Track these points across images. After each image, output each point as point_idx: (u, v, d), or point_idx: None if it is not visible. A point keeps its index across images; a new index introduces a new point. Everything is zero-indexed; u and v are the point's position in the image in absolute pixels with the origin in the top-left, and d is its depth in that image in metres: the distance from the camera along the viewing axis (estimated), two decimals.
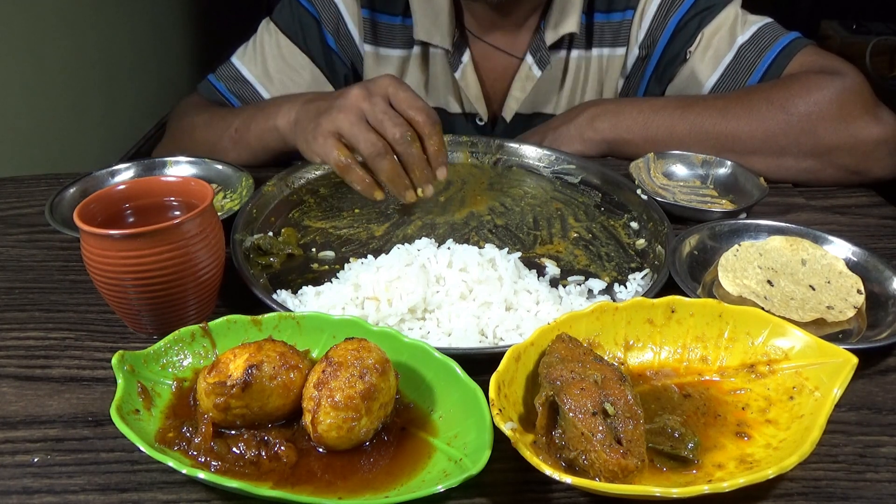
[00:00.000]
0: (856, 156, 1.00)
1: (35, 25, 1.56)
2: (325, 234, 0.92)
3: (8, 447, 0.60)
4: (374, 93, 0.88)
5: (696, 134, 1.04)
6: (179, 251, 0.67)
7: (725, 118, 1.02)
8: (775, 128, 1.00)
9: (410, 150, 0.88)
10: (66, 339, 0.73)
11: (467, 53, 1.20)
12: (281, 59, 1.22)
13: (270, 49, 1.22)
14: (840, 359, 0.60)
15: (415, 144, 0.88)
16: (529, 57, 1.20)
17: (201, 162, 1.03)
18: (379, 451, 0.58)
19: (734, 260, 0.80)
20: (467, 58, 1.20)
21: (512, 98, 1.23)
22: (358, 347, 0.58)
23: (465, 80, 1.21)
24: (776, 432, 0.58)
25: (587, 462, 0.54)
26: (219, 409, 0.57)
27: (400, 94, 0.88)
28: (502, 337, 0.72)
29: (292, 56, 1.22)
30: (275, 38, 1.23)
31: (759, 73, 1.09)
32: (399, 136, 0.86)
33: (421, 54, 1.23)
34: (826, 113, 0.98)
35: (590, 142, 1.10)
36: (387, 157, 0.87)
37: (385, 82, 0.89)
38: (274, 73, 1.22)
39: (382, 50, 1.24)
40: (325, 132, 0.89)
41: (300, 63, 1.22)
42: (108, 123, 1.89)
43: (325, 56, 1.23)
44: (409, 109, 0.88)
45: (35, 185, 1.04)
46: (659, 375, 0.65)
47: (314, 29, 1.22)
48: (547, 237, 0.92)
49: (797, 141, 1.00)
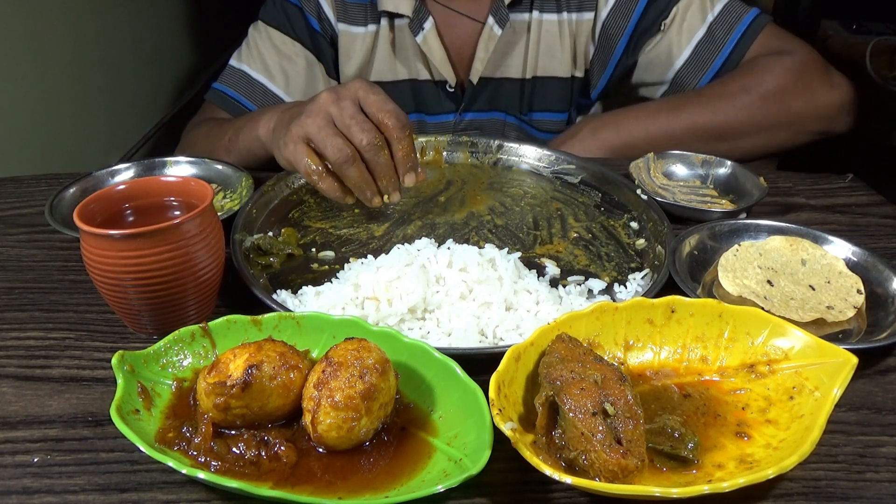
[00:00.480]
0: (821, 121, 1.15)
1: (35, 25, 1.56)
2: (325, 234, 0.92)
3: (8, 447, 0.60)
4: (343, 96, 0.86)
5: (691, 131, 1.13)
6: (179, 251, 0.67)
7: (715, 113, 1.13)
8: (755, 111, 1.13)
9: (378, 158, 0.86)
10: (66, 339, 0.73)
11: (430, 20, 1.23)
12: (276, 52, 1.26)
13: (264, 44, 1.27)
14: (840, 359, 0.60)
15: (382, 151, 0.86)
16: (491, 18, 1.22)
17: (201, 162, 1.03)
18: (379, 451, 0.58)
19: (734, 260, 0.80)
20: (430, 24, 1.23)
21: (477, 60, 1.25)
22: (358, 347, 0.58)
23: (428, 45, 1.23)
24: (776, 432, 0.58)
25: (587, 462, 0.54)
26: (219, 409, 0.57)
27: (370, 98, 0.86)
28: (502, 337, 0.72)
29: (285, 45, 1.27)
30: (265, 34, 1.27)
31: (727, 51, 1.18)
32: (366, 142, 0.84)
33: (388, 26, 1.26)
34: (791, 87, 1.13)
35: (597, 152, 1.14)
36: (354, 164, 0.85)
37: (355, 86, 0.88)
38: (273, 65, 1.26)
39: (353, 28, 1.27)
40: (294, 138, 0.88)
41: (294, 51, 1.27)
42: (109, 124, 1.89)
43: (312, 40, 1.27)
44: (378, 113, 0.86)
45: (35, 185, 1.04)
46: (659, 375, 0.65)
47: (299, 16, 1.26)
48: (547, 237, 0.92)
49: (778, 121, 1.14)
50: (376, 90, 0.88)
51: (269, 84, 1.26)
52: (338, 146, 0.84)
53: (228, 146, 1.11)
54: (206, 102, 1.31)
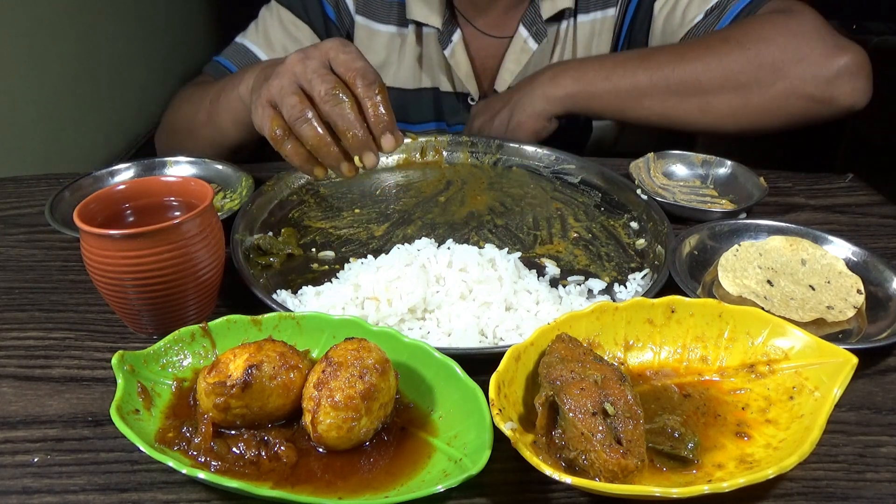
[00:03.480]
0: (819, 83, 1.00)
1: (36, 25, 1.56)
2: (325, 234, 0.92)
3: (8, 447, 0.60)
4: (311, 55, 0.80)
5: (656, 80, 1.03)
6: (179, 251, 0.67)
7: (684, 60, 1.03)
8: (733, 64, 1.01)
9: (338, 110, 0.77)
10: (66, 339, 0.73)
11: (458, 33, 1.21)
12: (283, 31, 1.23)
13: (272, 23, 1.24)
14: (840, 359, 0.60)
15: (344, 104, 0.77)
16: (524, 30, 1.19)
17: (201, 162, 1.03)
18: (379, 451, 0.58)
19: (734, 260, 0.80)
20: (458, 37, 1.21)
21: (506, 71, 1.23)
22: (358, 347, 0.58)
23: (455, 58, 1.22)
24: (776, 432, 0.58)
25: (587, 462, 0.54)
26: (219, 409, 0.57)
27: (340, 56, 0.79)
28: (502, 337, 0.72)
29: (294, 26, 1.23)
30: (276, 13, 1.25)
31: (729, 17, 1.09)
32: (324, 92, 0.76)
33: (415, 33, 1.24)
34: (783, 45, 1.00)
35: (553, 99, 1.09)
36: (309, 121, 0.78)
37: (327, 45, 0.81)
38: (276, 43, 1.23)
39: (374, 24, 1.24)
40: (262, 101, 0.82)
41: (302, 34, 1.23)
42: (109, 123, 1.89)
43: (325, 26, 1.25)
44: (346, 72, 0.78)
45: (35, 185, 1.04)
46: (659, 375, 0.65)
47: (314, 1, 1.24)
48: (547, 237, 0.92)
49: (757, 76, 1.01)
50: (348, 49, 0.81)
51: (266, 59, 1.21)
52: (291, 103, 0.78)
53: (210, 109, 1.05)
54: (203, 73, 1.27)
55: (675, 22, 1.15)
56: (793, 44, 1.00)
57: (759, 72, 1.00)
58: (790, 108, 1.02)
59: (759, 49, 1.00)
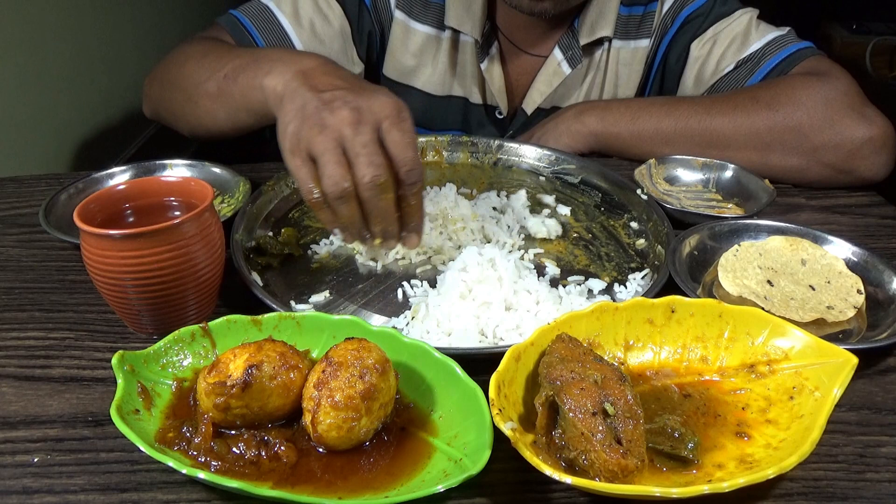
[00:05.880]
0: (841, 153, 1.00)
1: (35, 25, 1.56)
2: (326, 234, 0.92)
3: (8, 447, 0.60)
4: (365, 119, 0.74)
5: (681, 130, 1.05)
6: (179, 251, 0.67)
7: (710, 115, 1.04)
8: (759, 124, 1.01)
9: (377, 201, 0.74)
10: (66, 339, 0.73)
11: (495, 46, 1.20)
12: (314, 5, 1.16)
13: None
14: (840, 359, 0.60)
15: (385, 195, 0.74)
16: (559, 52, 1.19)
17: (199, 165, 1.01)
18: (379, 451, 0.58)
19: (734, 260, 0.80)
20: (495, 50, 1.20)
21: (536, 91, 1.22)
22: (358, 347, 0.58)
23: (491, 72, 1.21)
24: (776, 432, 0.58)
25: (587, 462, 0.54)
26: (219, 409, 0.57)
27: (393, 133, 0.74)
28: (502, 337, 0.72)
29: (326, 3, 1.17)
30: None
31: (762, 73, 1.10)
32: (368, 179, 0.73)
33: (451, 38, 1.21)
34: (811, 111, 1.00)
35: (577, 135, 1.10)
36: (347, 202, 0.74)
37: (384, 109, 0.75)
38: (304, 15, 1.15)
39: (413, 22, 1.21)
40: (299, 150, 0.75)
41: (332, 13, 1.17)
42: (109, 124, 1.89)
43: (358, 13, 1.19)
44: (396, 158, 0.74)
45: (35, 185, 1.04)
46: (659, 375, 0.65)
47: None
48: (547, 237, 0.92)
49: (782, 138, 1.01)
50: (405, 125, 0.75)
51: (291, 31, 1.14)
52: (334, 179, 0.73)
53: (223, 84, 0.95)
54: (215, 25, 1.16)
55: (709, 69, 1.14)
56: (821, 110, 1.00)
57: (784, 134, 1.01)
58: (809, 172, 1.03)
59: (788, 112, 1.00)
